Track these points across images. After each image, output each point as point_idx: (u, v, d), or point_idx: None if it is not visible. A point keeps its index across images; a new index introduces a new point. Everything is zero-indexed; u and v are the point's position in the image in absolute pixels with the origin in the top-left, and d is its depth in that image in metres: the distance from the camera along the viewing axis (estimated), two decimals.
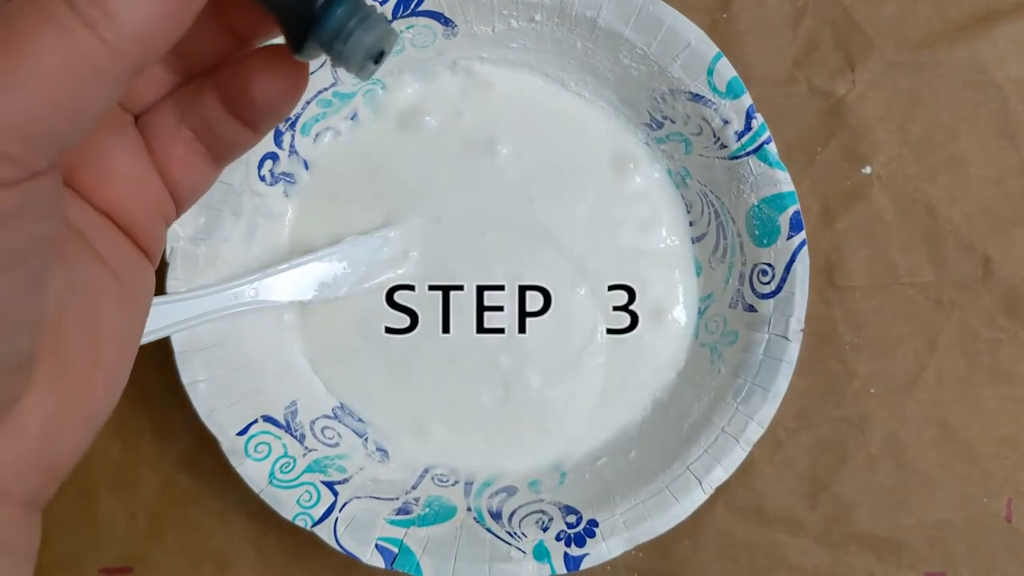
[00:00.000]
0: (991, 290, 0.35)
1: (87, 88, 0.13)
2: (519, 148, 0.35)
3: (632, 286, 0.35)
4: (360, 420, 0.35)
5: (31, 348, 0.15)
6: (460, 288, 0.35)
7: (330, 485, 0.32)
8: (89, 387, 0.17)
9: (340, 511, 0.31)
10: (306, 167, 0.35)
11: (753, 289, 0.33)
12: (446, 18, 0.33)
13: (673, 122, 0.34)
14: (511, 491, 0.34)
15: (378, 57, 0.17)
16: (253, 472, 0.31)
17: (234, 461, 0.31)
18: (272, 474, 0.31)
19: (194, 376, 0.31)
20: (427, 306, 0.35)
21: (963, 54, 0.35)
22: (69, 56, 0.13)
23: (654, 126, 0.35)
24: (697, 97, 0.32)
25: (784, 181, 0.32)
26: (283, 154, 0.34)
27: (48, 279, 0.15)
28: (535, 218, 0.35)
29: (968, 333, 0.35)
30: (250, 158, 0.33)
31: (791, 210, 0.32)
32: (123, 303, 0.18)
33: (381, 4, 0.32)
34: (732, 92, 0.32)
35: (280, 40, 0.17)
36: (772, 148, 0.32)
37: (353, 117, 0.35)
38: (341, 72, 0.33)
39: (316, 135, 0.35)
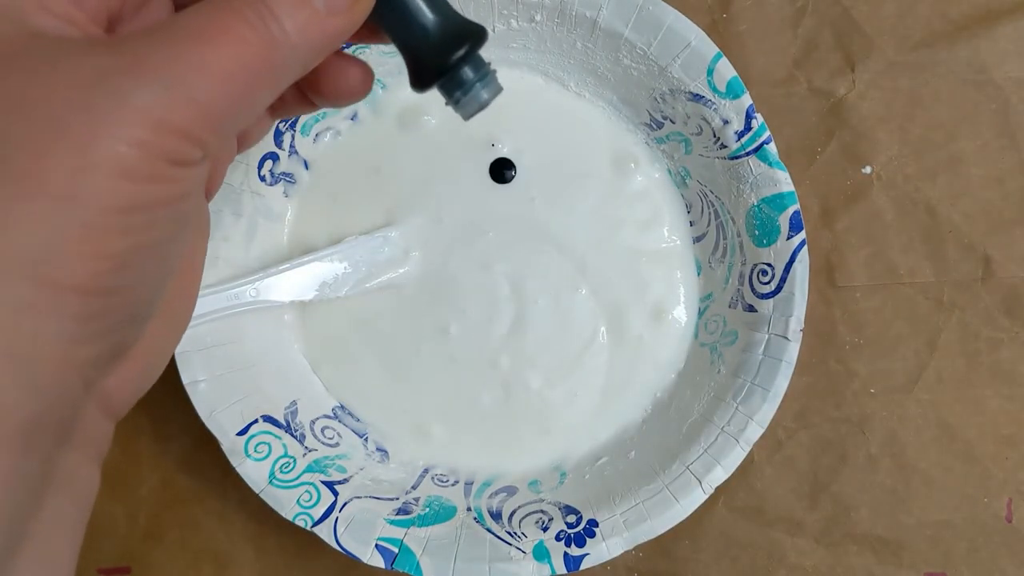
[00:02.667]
0: (991, 290, 0.35)
1: (264, 81, 0.16)
2: (519, 148, 0.35)
3: (633, 286, 0.35)
4: (360, 420, 0.35)
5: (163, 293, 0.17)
6: (460, 288, 0.35)
7: (330, 485, 0.32)
8: (182, 316, 0.19)
9: (340, 511, 0.31)
10: (306, 167, 0.35)
11: (753, 289, 0.33)
12: None
13: (673, 122, 0.34)
14: (511, 491, 0.34)
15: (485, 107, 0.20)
16: (253, 472, 0.31)
17: (234, 461, 0.31)
18: (272, 474, 0.31)
19: (194, 376, 0.31)
20: (427, 306, 0.35)
21: (963, 54, 0.35)
22: (256, 50, 0.15)
23: (654, 126, 0.35)
24: (697, 97, 0.32)
25: (784, 181, 0.32)
26: (283, 154, 0.34)
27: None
28: (536, 218, 0.35)
29: (968, 333, 0.35)
30: (250, 158, 0.33)
31: (791, 210, 0.32)
32: (201, 237, 0.20)
33: None
34: (732, 92, 0.32)
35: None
36: (772, 148, 0.32)
37: (353, 117, 0.35)
38: None
39: (316, 135, 0.35)
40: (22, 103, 0.13)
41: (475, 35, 0.19)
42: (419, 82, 0.20)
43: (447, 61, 0.19)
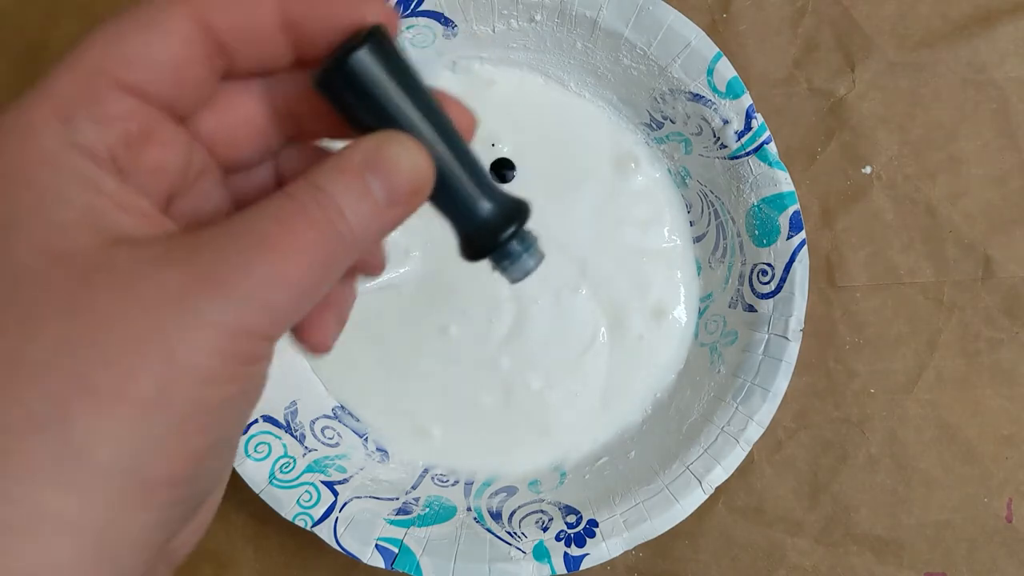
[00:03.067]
0: (991, 290, 0.35)
1: (328, 276, 0.16)
2: (519, 148, 0.35)
3: (633, 286, 0.35)
4: (360, 420, 0.35)
5: None
6: (461, 288, 0.35)
7: (330, 485, 0.32)
8: (231, 463, 0.20)
9: (340, 511, 0.31)
10: None
11: (753, 289, 0.33)
12: (446, 18, 0.33)
13: (673, 122, 0.34)
14: (511, 491, 0.34)
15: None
16: (253, 472, 0.31)
17: (234, 461, 0.31)
18: (272, 474, 0.31)
19: None
20: (427, 306, 0.35)
21: (963, 54, 0.35)
22: (323, 252, 0.16)
23: (654, 126, 0.35)
24: (697, 97, 0.32)
25: (784, 181, 0.32)
26: None
27: None
28: (536, 218, 0.35)
29: (968, 333, 0.35)
30: None
31: (791, 210, 0.32)
32: None
33: None
34: (732, 92, 0.32)
35: None
36: (772, 148, 0.32)
37: None
38: None
39: None
40: (107, 321, 0.14)
41: (522, 213, 0.21)
42: (470, 256, 0.21)
43: (497, 240, 0.20)
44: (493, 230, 0.20)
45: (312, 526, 0.31)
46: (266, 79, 0.19)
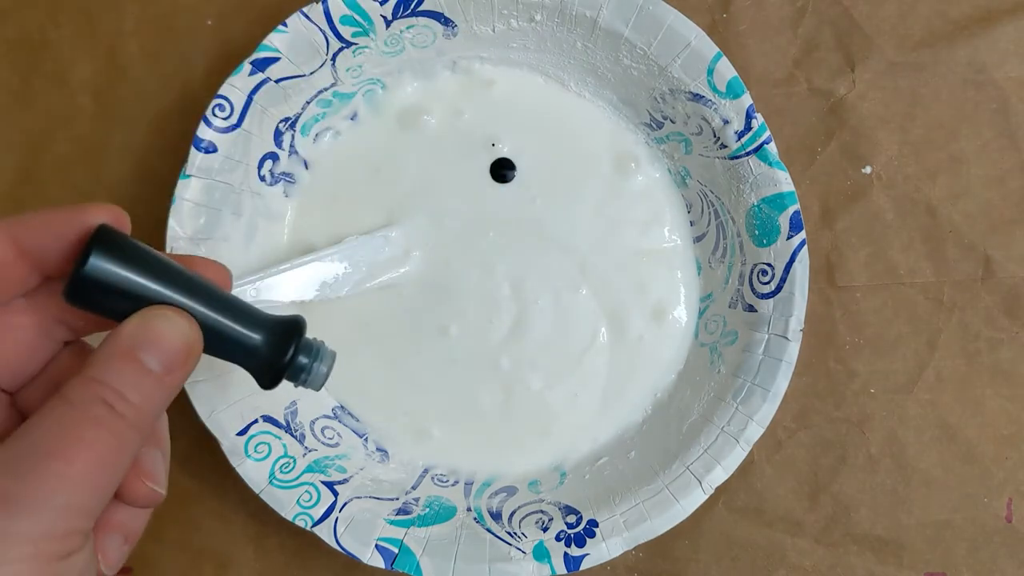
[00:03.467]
0: (991, 290, 0.35)
1: (124, 457, 0.18)
2: (520, 148, 0.35)
3: (634, 286, 0.35)
4: (360, 420, 0.35)
5: None
6: (461, 288, 0.35)
7: (330, 485, 0.32)
8: None
9: (340, 511, 0.31)
10: (306, 167, 0.35)
11: (753, 289, 0.33)
12: (446, 18, 0.33)
13: (673, 122, 0.34)
14: (511, 491, 0.34)
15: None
16: (253, 472, 0.31)
17: (234, 461, 0.31)
18: (272, 474, 0.31)
19: (194, 376, 0.31)
20: (427, 306, 0.35)
21: (963, 54, 0.35)
22: (111, 443, 0.17)
23: (654, 126, 0.35)
24: (697, 97, 0.32)
25: (784, 181, 0.32)
26: (283, 154, 0.34)
27: None
28: (536, 218, 0.35)
29: (968, 333, 0.35)
30: (250, 159, 0.33)
31: (791, 210, 0.32)
32: None
33: (381, 4, 0.32)
34: (732, 92, 0.32)
35: None
36: (772, 148, 0.32)
37: (353, 117, 0.35)
38: (340, 72, 0.33)
39: (316, 135, 0.35)
40: None
41: (295, 331, 0.22)
42: (266, 385, 0.22)
43: (281, 363, 0.21)
44: (277, 357, 0.22)
45: (312, 526, 0.31)
46: (27, 297, 0.20)
